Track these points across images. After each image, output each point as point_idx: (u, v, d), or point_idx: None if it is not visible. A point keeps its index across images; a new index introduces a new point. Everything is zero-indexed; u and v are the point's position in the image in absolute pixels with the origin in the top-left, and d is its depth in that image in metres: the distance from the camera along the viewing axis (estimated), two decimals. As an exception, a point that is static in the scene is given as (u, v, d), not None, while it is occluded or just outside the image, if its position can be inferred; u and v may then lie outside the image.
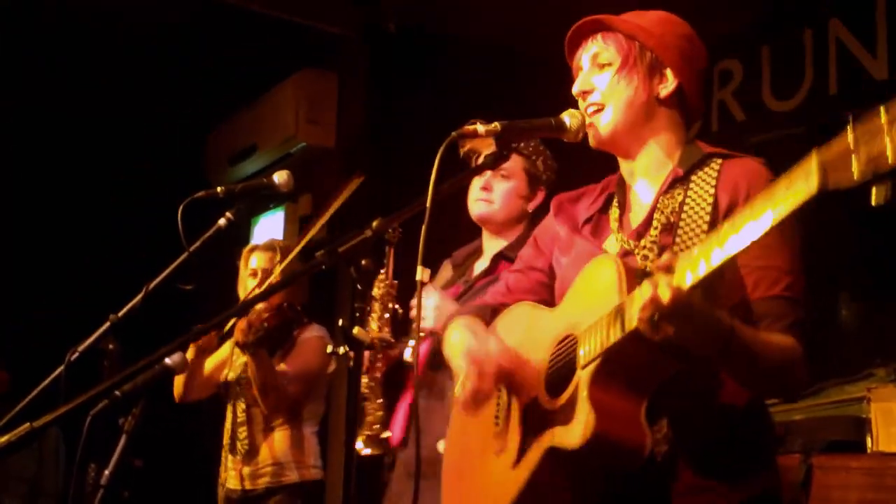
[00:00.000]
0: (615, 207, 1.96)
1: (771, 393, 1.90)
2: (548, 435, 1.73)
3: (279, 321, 3.85)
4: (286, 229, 6.00)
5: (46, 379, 2.27)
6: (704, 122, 4.90)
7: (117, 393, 2.12)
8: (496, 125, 1.90)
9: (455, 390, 1.87)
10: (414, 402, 2.69)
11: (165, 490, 5.62)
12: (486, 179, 3.05)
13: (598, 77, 1.93)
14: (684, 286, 1.47)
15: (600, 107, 1.92)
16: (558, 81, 2.12)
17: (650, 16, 1.96)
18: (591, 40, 1.96)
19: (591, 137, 1.94)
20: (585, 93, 1.94)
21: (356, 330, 1.81)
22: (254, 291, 3.82)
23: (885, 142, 1.19)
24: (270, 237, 4.57)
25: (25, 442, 1.71)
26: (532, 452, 1.77)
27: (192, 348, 3.79)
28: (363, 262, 1.83)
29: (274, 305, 3.81)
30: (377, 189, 4.04)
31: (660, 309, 1.49)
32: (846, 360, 3.67)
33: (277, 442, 3.83)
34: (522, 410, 1.87)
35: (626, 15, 1.96)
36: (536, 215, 3.02)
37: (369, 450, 3.01)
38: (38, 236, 6.28)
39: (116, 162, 6.43)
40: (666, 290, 1.47)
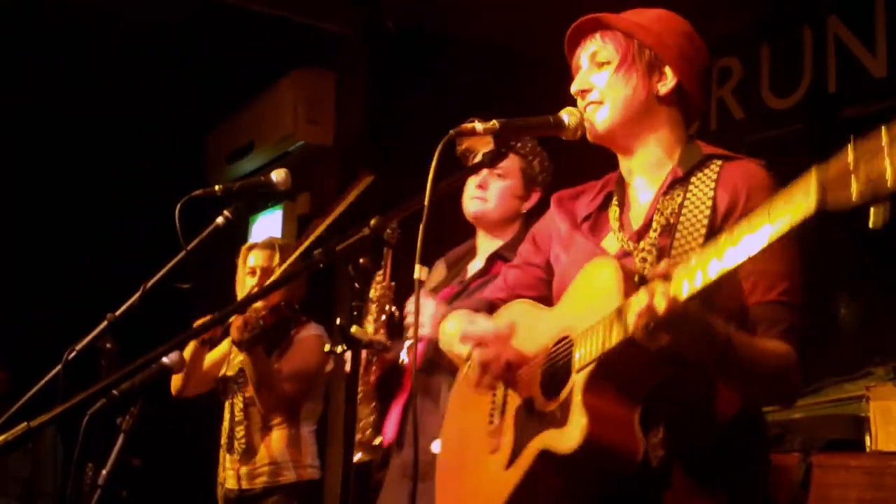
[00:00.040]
0: (615, 206, 1.96)
1: (765, 399, 1.91)
2: (541, 437, 1.73)
3: (276, 320, 3.85)
4: (284, 228, 6.00)
5: (44, 378, 2.27)
6: (703, 120, 4.89)
7: (115, 392, 2.12)
8: (494, 123, 1.89)
9: (462, 372, 1.86)
10: (413, 405, 2.67)
11: (163, 489, 5.62)
12: (482, 178, 3.04)
13: (597, 76, 1.93)
14: (681, 297, 1.47)
15: (599, 103, 1.91)
16: (558, 81, 2.11)
17: (649, 14, 1.95)
18: (590, 39, 1.95)
19: (588, 132, 1.93)
20: (584, 91, 1.94)
21: (354, 328, 1.81)
22: (253, 289, 3.81)
23: (885, 163, 1.18)
24: (269, 235, 4.57)
25: (23, 441, 1.71)
26: (525, 454, 1.77)
27: (194, 342, 3.77)
28: (361, 261, 1.82)
29: (272, 304, 3.80)
30: (376, 188, 4.03)
31: (655, 318, 1.49)
32: (845, 359, 3.67)
33: (275, 441, 3.81)
34: (517, 409, 1.86)
35: (626, 13, 1.96)
36: (530, 216, 3.01)
37: (360, 455, 3.00)
38: (37, 235, 6.28)
39: (115, 161, 6.43)
40: (662, 300, 1.47)
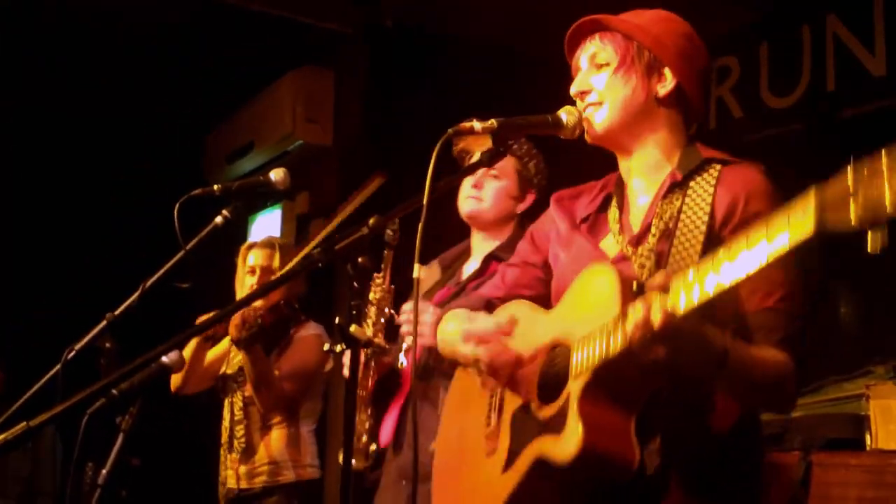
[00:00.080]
0: (614, 207, 1.95)
1: (762, 407, 1.91)
2: (537, 443, 1.72)
3: (275, 318, 3.84)
4: (283, 227, 5.99)
5: (43, 378, 2.27)
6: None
7: (114, 392, 2.12)
8: (493, 122, 1.89)
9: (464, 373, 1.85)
10: (413, 408, 2.66)
11: (163, 489, 5.62)
12: (478, 178, 3.03)
13: (596, 77, 1.92)
14: (678, 311, 1.46)
15: (598, 104, 1.91)
16: (558, 81, 2.11)
17: (649, 15, 1.95)
18: (590, 40, 1.95)
19: (587, 134, 1.93)
20: (583, 93, 1.93)
21: (353, 328, 1.81)
22: (253, 288, 3.80)
23: (885, 189, 1.16)
24: (268, 235, 4.57)
25: (22, 441, 1.71)
26: (521, 460, 1.77)
27: (196, 338, 3.76)
28: (360, 260, 1.82)
29: (271, 303, 3.80)
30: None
31: (651, 332, 1.49)
32: (845, 358, 3.67)
33: (274, 441, 3.80)
34: (513, 412, 1.86)
35: (625, 14, 1.95)
36: (525, 217, 3.00)
37: (354, 461, 2.98)
38: (37, 235, 6.28)
39: (115, 161, 6.43)
40: (658, 314, 1.47)
